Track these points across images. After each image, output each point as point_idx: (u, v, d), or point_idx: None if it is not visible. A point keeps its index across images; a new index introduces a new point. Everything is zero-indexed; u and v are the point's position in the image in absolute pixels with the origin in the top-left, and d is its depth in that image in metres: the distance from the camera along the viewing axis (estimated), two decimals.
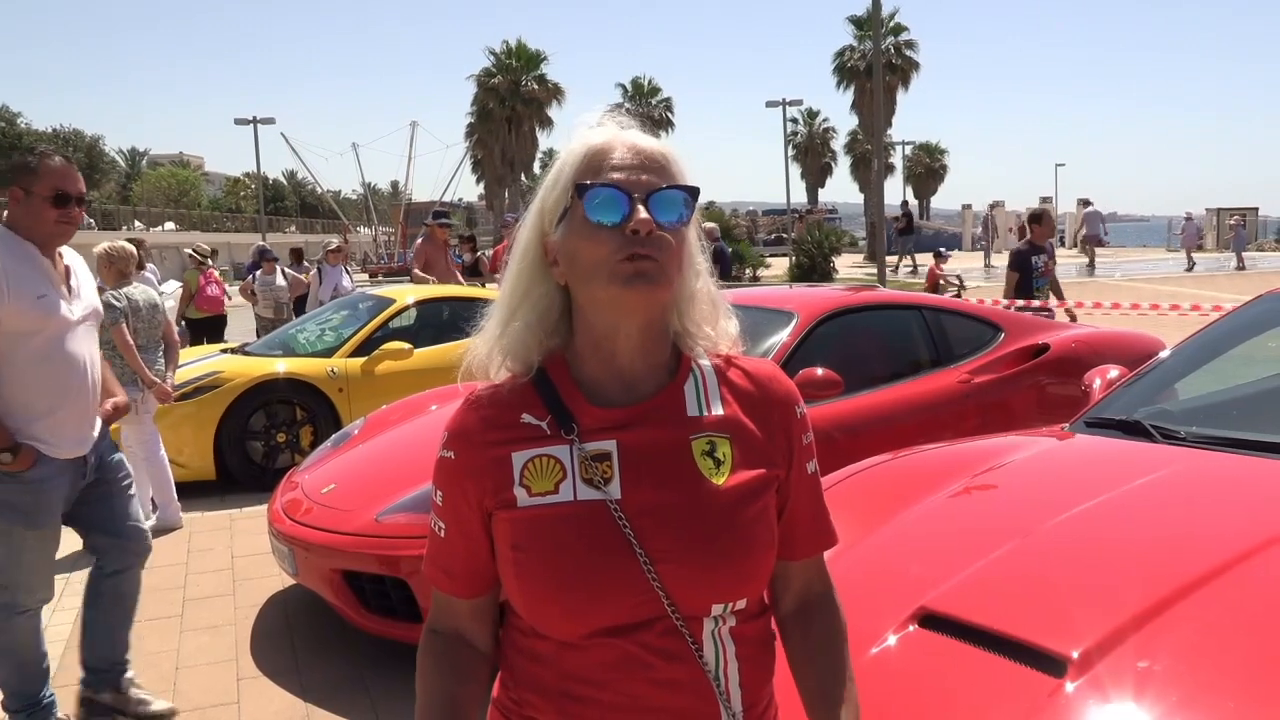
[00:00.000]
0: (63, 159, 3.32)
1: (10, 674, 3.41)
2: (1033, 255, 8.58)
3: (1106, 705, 1.64)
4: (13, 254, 3.19)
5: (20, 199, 3.23)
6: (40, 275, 3.26)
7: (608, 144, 1.24)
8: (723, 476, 1.26)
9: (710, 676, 1.23)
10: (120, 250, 6.16)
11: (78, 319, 3.36)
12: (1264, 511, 2.27)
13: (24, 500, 3.23)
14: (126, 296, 6.01)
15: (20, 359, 3.20)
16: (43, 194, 3.22)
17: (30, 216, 3.24)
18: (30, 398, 3.22)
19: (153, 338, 6.18)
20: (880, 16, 20.85)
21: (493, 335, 1.31)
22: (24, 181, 3.23)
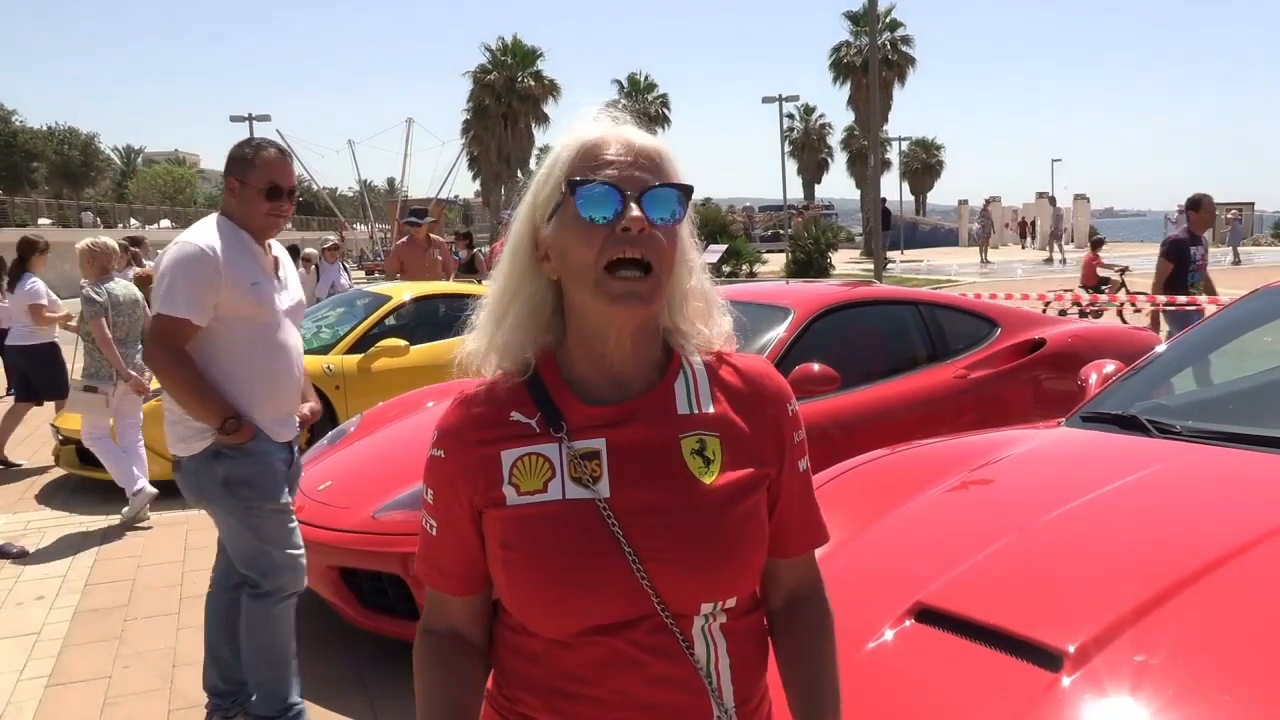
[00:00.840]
0: (277, 151, 3.33)
1: (267, 673, 3.31)
2: (1191, 245, 7.80)
3: (1103, 699, 1.64)
4: (230, 241, 3.21)
5: (236, 189, 3.27)
6: (254, 264, 3.27)
7: (601, 139, 1.23)
8: (712, 475, 1.25)
9: (701, 673, 1.23)
10: (103, 246, 6.22)
11: (286, 309, 3.38)
12: (1260, 505, 2.27)
13: (253, 473, 3.23)
14: (107, 291, 6.08)
15: (234, 345, 3.22)
16: (257, 186, 3.25)
17: (245, 207, 3.27)
18: (241, 383, 3.23)
19: (133, 332, 6.24)
20: (876, 12, 20.84)
21: (486, 332, 1.30)
22: (240, 173, 3.26)
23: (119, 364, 6.03)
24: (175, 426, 3.26)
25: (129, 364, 6.15)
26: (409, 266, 10.36)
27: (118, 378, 6.11)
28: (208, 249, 3.14)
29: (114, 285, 6.18)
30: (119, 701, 3.89)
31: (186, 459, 3.26)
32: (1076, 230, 42.20)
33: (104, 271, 6.19)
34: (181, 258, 3.14)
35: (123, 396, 6.21)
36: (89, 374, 6.19)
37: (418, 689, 1.33)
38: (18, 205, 43.25)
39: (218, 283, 3.13)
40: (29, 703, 3.91)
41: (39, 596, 5.08)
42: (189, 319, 3.11)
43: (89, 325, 6.04)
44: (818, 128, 65.20)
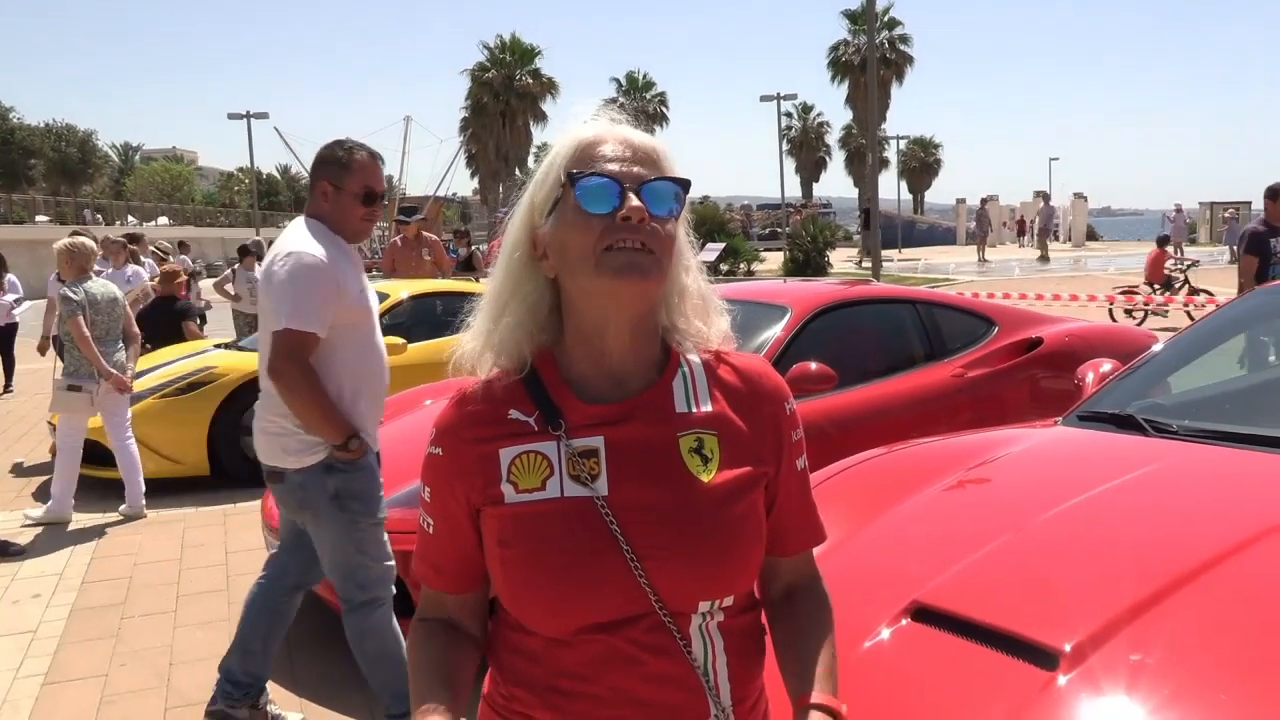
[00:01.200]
0: (369, 154, 3.24)
1: (390, 674, 3.27)
2: (1270, 237, 7.49)
3: (1099, 698, 1.64)
4: (333, 249, 3.13)
5: (329, 194, 3.18)
6: (356, 270, 3.22)
7: (599, 136, 1.24)
8: (710, 474, 1.25)
9: (699, 671, 1.23)
10: (81, 246, 6.25)
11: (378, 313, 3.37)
12: (1256, 504, 2.28)
13: (363, 487, 3.19)
14: (85, 290, 6.10)
15: (345, 355, 3.16)
16: (353, 191, 3.18)
17: (340, 212, 3.19)
18: (349, 394, 3.18)
19: (112, 331, 6.26)
20: (875, 11, 20.85)
21: (483, 331, 1.30)
22: (335, 177, 3.18)
23: (98, 362, 6.05)
24: (283, 439, 3.14)
25: (108, 362, 6.16)
26: (400, 265, 10.30)
27: (99, 376, 6.11)
28: (323, 259, 3.05)
29: (92, 284, 6.20)
30: (115, 700, 3.89)
31: (294, 471, 3.15)
32: (1074, 229, 42.27)
33: (82, 271, 6.22)
34: (302, 269, 3.02)
35: (105, 395, 6.21)
36: (70, 373, 6.17)
37: (410, 665, 1.32)
38: (15, 202, 43.21)
39: (335, 293, 3.07)
40: (25, 701, 3.91)
41: (35, 594, 5.08)
42: (316, 332, 3.03)
43: (67, 324, 6.05)
44: (816, 126, 65.22)
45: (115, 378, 6.16)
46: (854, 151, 58.31)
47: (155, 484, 6.93)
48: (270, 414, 3.17)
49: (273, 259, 3.09)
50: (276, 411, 3.13)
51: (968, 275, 25.61)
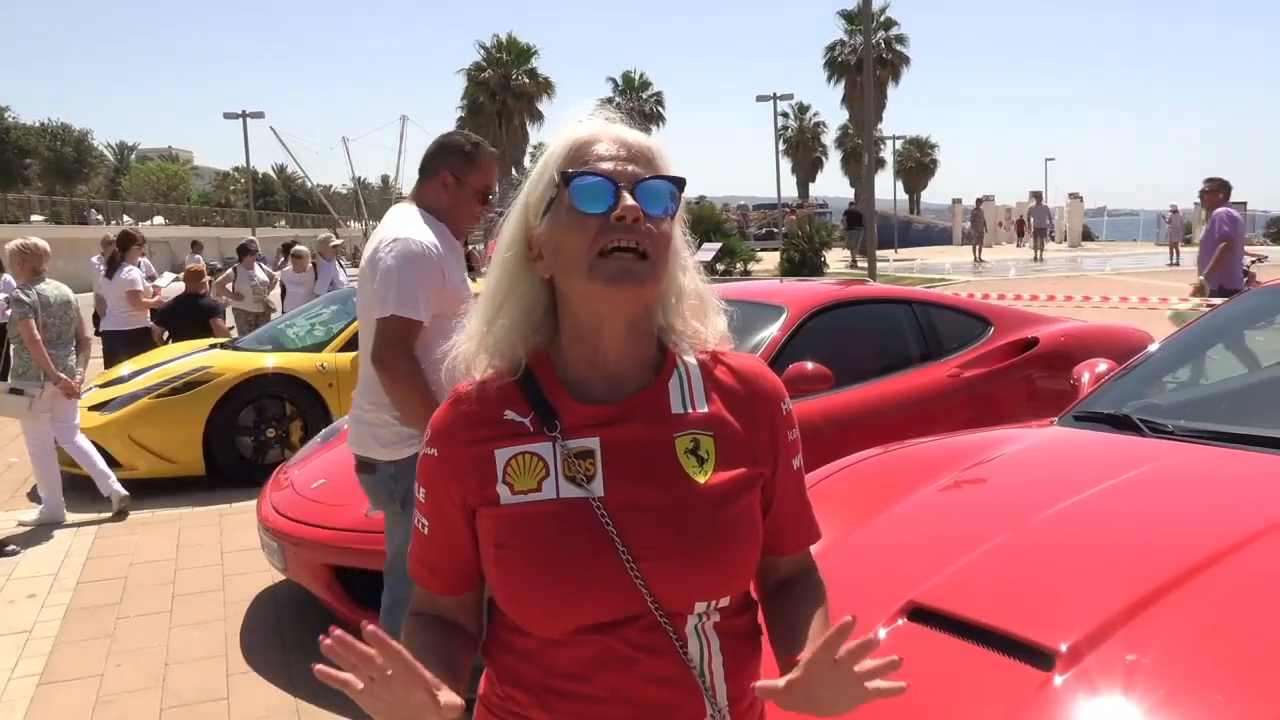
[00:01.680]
0: (492, 153, 3.21)
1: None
2: None
3: (1094, 699, 1.64)
4: (442, 238, 3.06)
5: (449, 185, 3.12)
6: (460, 260, 3.16)
7: (593, 136, 1.24)
8: (706, 474, 1.25)
9: (695, 671, 1.23)
10: (34, 247, 6.22)
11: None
12: (1252, 504, 2.28)
13: None
14: (37, 293, 6.08)
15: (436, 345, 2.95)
16: (475, 187, 3.14)
17: (457, 205, 3.13)
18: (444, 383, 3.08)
19: (64, 334, 6.23)
20: (871, 11, 20.86)
21: (478, 333, 1.30)
22: (459, 170, 3.12)
23: (48, 365, 6.01)
24: (379, 430, 3.05)
25: (60, 365, 6.13)
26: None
27: (45, 379, 6.08)
28: (431, 247, 2.99)
29: (44, 286, 6.17)
30: (111, 700, 3.88)
31: (387, 463, 3.05)
32: (1070, 229, 42.30)
33: (35, 273, 6.19)
34: (410, 257, 2.94)
35: (52, 399, 6.18)
36: (17, 375, 6.12)
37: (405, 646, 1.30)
38: (10, 202, 43.13)
39: (440, 281, 2.99)
40: (20, 701, 3.90)
41: (31, 594, 5.07)
42: (422, 320, 2.94)
43: (18, 327, 6.01)
44: (812, 126, 65.25)
45: (64, 383, 6.11)
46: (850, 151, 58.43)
47: (151, 484, 6.93)
48: (368, 403, 3.08)
49: (378, 245, 3.02)
50: (374, 401, 3.04)
51: (963, 275, 25.63)
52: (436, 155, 3.15)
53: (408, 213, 3.10)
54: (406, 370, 2.92)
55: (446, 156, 3.12)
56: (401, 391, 2.93)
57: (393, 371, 2.92)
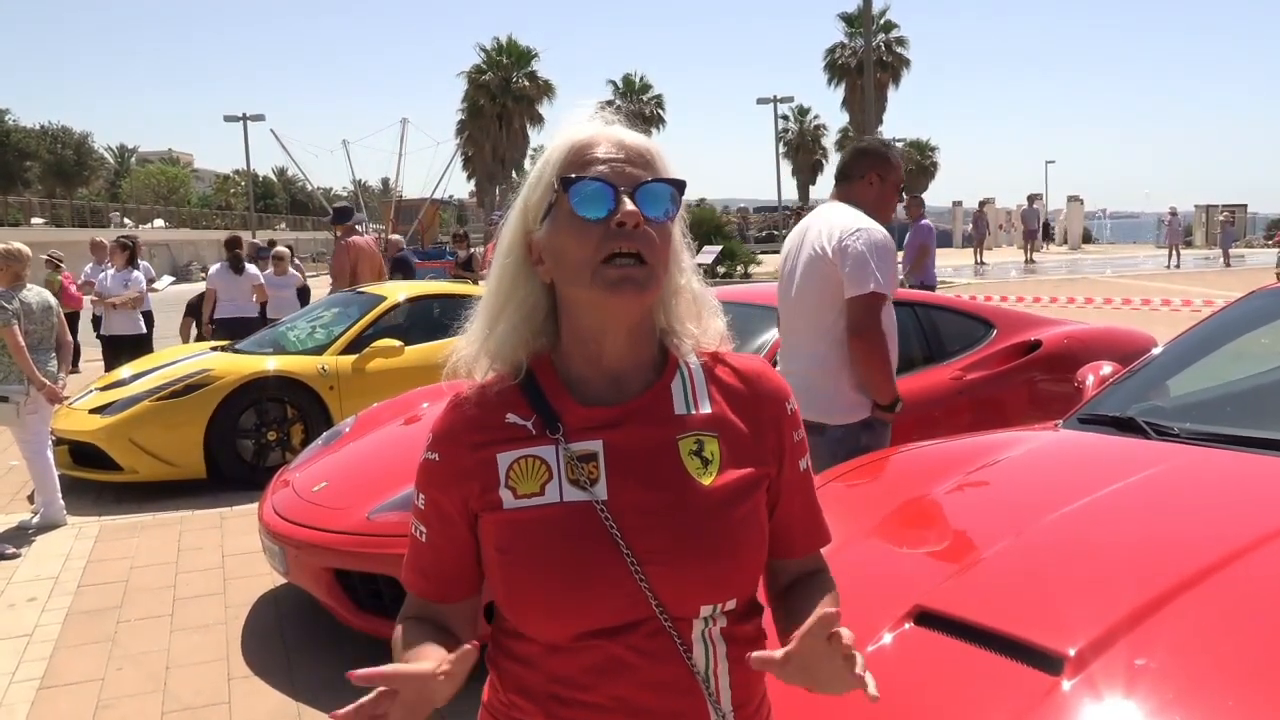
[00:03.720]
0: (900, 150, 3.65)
1: None
2: None
3: (1103, 703, 1.63)
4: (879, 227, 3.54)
5: (875, 183, 3.62)
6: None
7: (592, 139, 1.23)
8: (711, 476, 1.24)
9: (699, 678, 1.22)
10: (16, 252, 6.21)
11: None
12: (1258, 508, 2.27)
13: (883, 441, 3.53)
14: (20, 299, 6.06)
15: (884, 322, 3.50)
16: (894, 183, 3.67)
17: (881, 200, 3.64)
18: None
19: (45, 339, 6.22)
20: (871, 13, 20.87)
21: (478, 337, 1.30)
22: (882, 169, 3.63)
23: (32, 371, 6.00)
24: (835, 397, 3.45)
25: (41, 371, 6.11)
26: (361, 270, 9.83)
27: (29, 385, 6.07)
28: (887, 235, 3.48)
29: (27, 292, 6.17)
30: (112, 704, 3.87)
31: (835, 426, 3.45)
32: (1070, 232, 42.32)
33: (17, 278, 6.18)
34: (877, 243, 3.41)
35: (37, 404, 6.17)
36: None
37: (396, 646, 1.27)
38: (10, 205, 43.16)
39: (895, 264, 3.51)
40: (21, 705, 3.88)
41: (31, 598, 5.06)
42: (888, 294, 3.41)
43: (1, 333, 6.00)
44: (812, 129, 65.17)
45: (48, 388, 6.10)
46: None
47: (151, 487, 6.93)
48: (820, 371, 3.48)
49: (841, 234, 3.44)
50: (828, 369, 3.47)
51: (965, 278, 25.63)
52: (861, 159, 3.68)
53: (846, 209, 3.58)
54: (878, 340, 3.39)
55: (870, 159, 3.66)
56: (871, 358, 3.40)
57: (870, 339, 3.38)
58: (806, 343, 3.56)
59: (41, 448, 6.27)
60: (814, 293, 3.53)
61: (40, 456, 6.26)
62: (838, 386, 3.45)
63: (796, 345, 3.64)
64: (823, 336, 3.48)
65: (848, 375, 3.44)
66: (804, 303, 3.58)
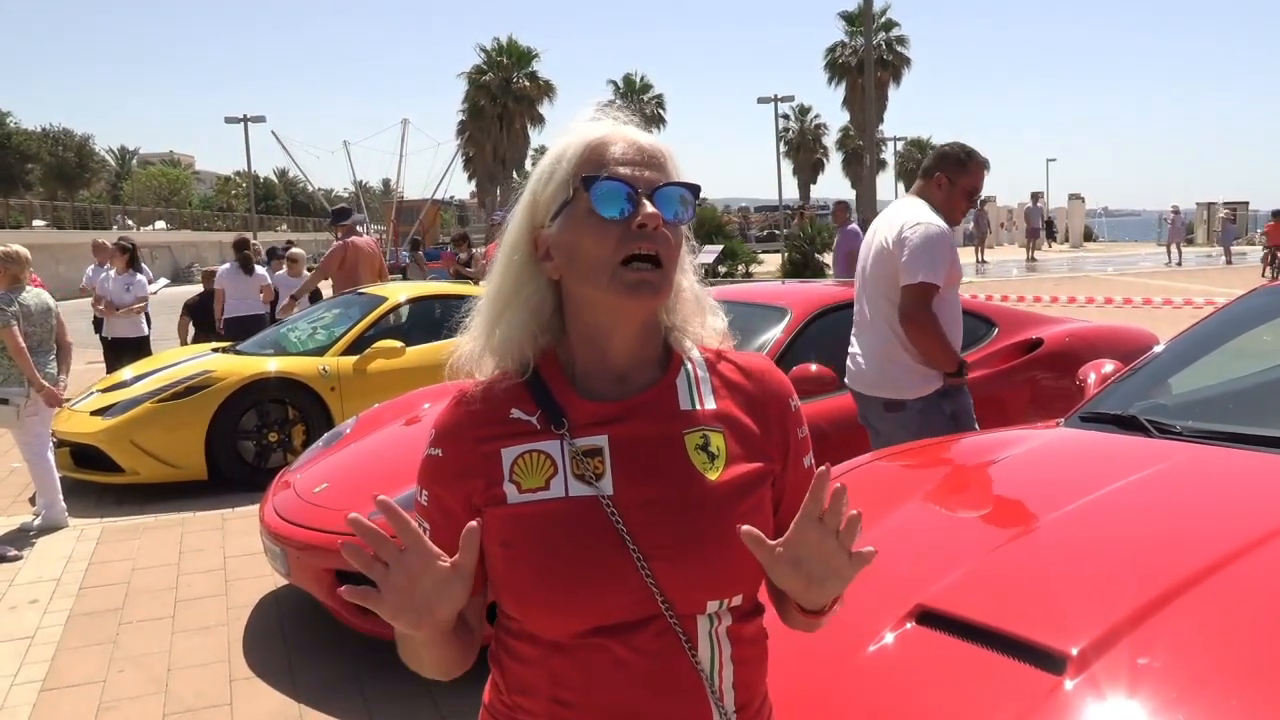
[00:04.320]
0: (982, 161, 3.93)
1: None
2: None
3: (1105, 703, 1.62)
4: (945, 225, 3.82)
5: (944, 185, 3.87)
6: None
7: (607, 137, 1.23)
8: (717, 471, 1.24)
9: (704, 677, 1.22)
10: (15, 254, 6.22)
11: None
12: (1261, 506, 2.26)
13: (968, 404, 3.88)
14: (19, 302, 6.07)
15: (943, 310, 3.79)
16: (965, 188, 3.88)
17: (949, 202, 3.86)
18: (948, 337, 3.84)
19: (45, 341, 6.22)
20: (872, 12, 20.85)
21: (482, 334, 1.29)
22: (952, 172, 3.87)
23: (32, 373, 6.00)
24: (908, 375, 3.78)
25: (41, 373, 6.11)
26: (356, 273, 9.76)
27: (29, 387, 6.07)
28: (945, 230, 3.76)
29: (26, 295, 6.17)
30: (113, 706, 3.87)
31: (914, 399, 3.78)
32: (1072, 230, 42.26)
33: (15, 280, 6.19)
34: (933, 236, 3.70)
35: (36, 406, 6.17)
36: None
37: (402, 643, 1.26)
38: (12, 207, 43.19)
39: (951, 257, 3.76)
40: (22, 708, 3.88)
41: (33, 600, 5.06)
42: (938, 284, 3.69)
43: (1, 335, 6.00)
44: (813, 128, 65.14)
45: (47, 390, 6.09)
46: (851, 153, 58.38)
47: (153, 489, 6.93)
48: (887, 358, 3.81)
49: (902, 226, 3.73)
50: (892, 356, 3.79)
51: (966, 276, 25.60)
52: (937, 161, 3.93)
53: (917, 203, 3.86)
54: (929, 323, 3.70)
55: (944, 163, 3.90)
56: (925, 339, 3.71)
57: (920, 323, 3.70)
58: (875, 327, 3.85)
59: (42, 450, 6.27)
60: (881, 280, 3.83)
61: (41, 459, 6.26)
62: (906, 365, 3.76)
63: (866, 329, 3.92)
64: (886, 320, 3.80)
65: (912, 354, 3.76)
66: (873, 289, 3.88)
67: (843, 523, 1.14)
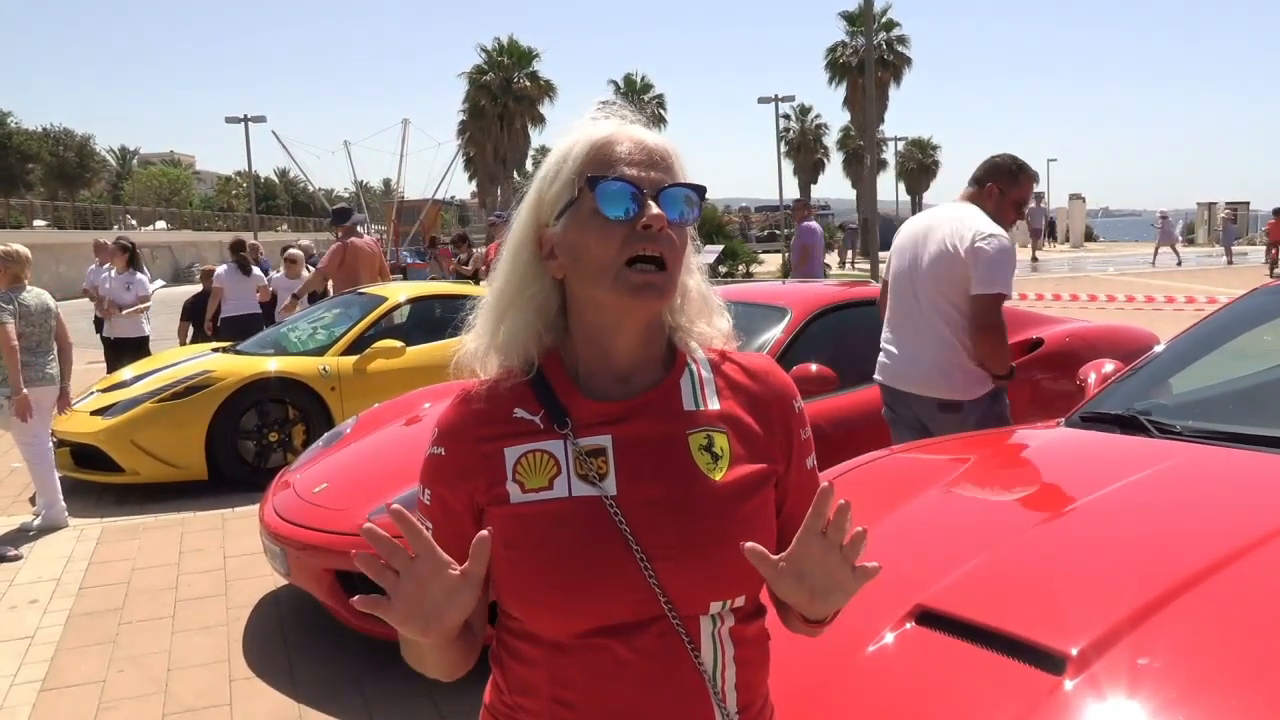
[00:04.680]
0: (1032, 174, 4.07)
1: None
2: None
3: (1105, 703, 1.62)
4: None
5: (995, 195, 3.97)
6: None
7: (613, 137, 1.22)
8: (720, 471, 1.24)
9: (707, 678, 1.21)
10: (16, 254, 6.21)
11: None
12: (1261, 506, 2.26)
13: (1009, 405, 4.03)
14: (19, 301, 6.07)
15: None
16: (1014, 199, 3.99)
17: (999, 212, 3.95)
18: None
19: (44, 341, 6.21)
20: (872, 12, 20.84)
21: (486, 333, 1.29)
22: (1003, 183, 3.98)
23: (15, 375, 5.95)
24: (967, 377, 3.87)
25: (40, 373, 6.10)
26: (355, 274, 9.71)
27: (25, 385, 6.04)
28: (1011, 241, 3.88)
29: (26, 294, 6.16)
30: (113, 706, 3.87)
31: (969, 401, 3.89)
32: (1072, 230, 42.24)
33: (16, 280, 6.18)
34: (1006, 249, 3.81)
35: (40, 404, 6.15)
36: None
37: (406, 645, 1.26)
38: (13, 207, 43.20)
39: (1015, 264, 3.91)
40: (22, 707, 3.88)
41: (33, 600, 5.06)
42: (1010, 295, 3.85)
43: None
44: (813, 128, 65.08)
45: (21, 399, 5.97)
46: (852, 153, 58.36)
47: (153, 488, 6.93)
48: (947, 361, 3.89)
49: (972, 236, 3.80)
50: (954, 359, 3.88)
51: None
52: (989, 170, 4.02)
53: (978, 211, 3.93)
54: (1003, 331, 3.84)
55: (997, 172, 4.00)
56: (997, 347, 3.83)
57: (997, 334, 3.82)
58: (932, 327, 3.92)
59: (42, 450, 6.26)
60: (942, 282, 3.88)
61: (41, 459, 6.25)
62: (967, 368, 3.88)
63: (918, 328, 3.97)
64: (950, 325, 3.87)
65: (973, 358, 3.88)
66: (932, 290, 3.92)
67: (847, 537, 1.14)
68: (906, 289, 4.03)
